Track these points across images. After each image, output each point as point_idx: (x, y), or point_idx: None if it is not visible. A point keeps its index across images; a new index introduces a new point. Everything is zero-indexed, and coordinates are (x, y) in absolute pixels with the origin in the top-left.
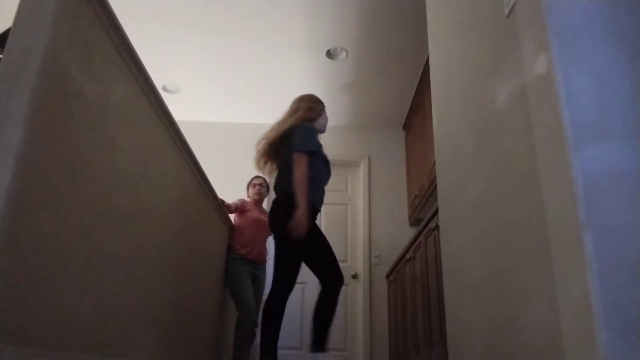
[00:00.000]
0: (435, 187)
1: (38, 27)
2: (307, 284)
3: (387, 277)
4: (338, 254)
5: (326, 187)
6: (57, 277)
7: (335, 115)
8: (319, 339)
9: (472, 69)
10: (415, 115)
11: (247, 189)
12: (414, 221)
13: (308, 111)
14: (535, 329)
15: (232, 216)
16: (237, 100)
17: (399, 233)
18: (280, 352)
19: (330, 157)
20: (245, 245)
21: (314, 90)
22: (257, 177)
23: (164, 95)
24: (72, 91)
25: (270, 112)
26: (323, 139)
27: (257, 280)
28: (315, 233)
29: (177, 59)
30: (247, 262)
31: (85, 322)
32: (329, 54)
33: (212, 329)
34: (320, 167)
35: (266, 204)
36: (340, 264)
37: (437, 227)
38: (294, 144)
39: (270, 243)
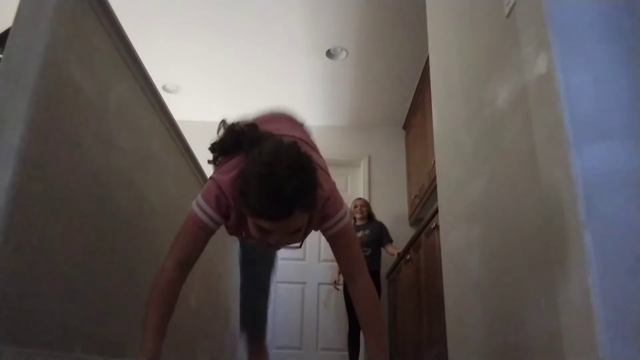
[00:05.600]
0: (435, 187)
1: (38, 27)
2: (307, 283)
3: (387, 277)
4: None
5: None
6: (57, 276)
7: (335, 115)
8: None
9: (472, 69)
10: (415, 115)
11: None
12: (414, 221)
13: None
14: (535, 329)
15: None
16: (237, 100)
17: (399, 233)
18: (280, 352)
19: (330, 157)
20: None
21: (314, 90)
22: None
23: (164, 95)
24: (72, 91)
25: None
26: (323, 139)
27: None
28: None
29: (177, 59)
30: None
31: (85, 322)
32: (329, 54)
33: (217, 328)
34: None
35: None
36: None
37: (437, 227)
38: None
39: None
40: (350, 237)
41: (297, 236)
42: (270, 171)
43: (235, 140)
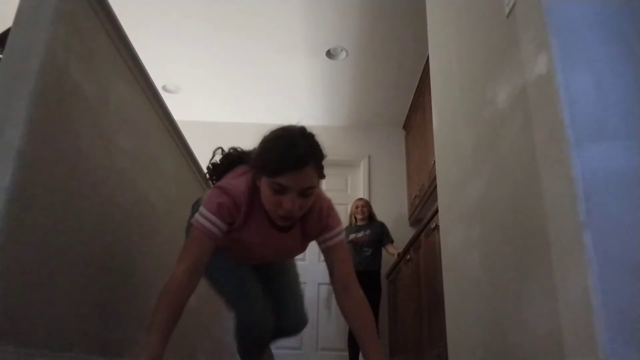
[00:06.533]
0: (435, 187)
1: (38, 27)
2: (307, 283)
3: (387, 277)
4: None
5: (325, 187)
6: (57, 276)
7: (335, 115)
8: None
9: (472, 69)
10: (415, 115)
11: None
12: (414, 221)
13: None
14: (535, 329)
15: None
16: (237, 100)
17: (399, 233)
18: (280, 352)
19: (330, 157)
20: None
21: (314, 90)
22: None
23: (164, 95)
24: (72, 91)
25: (270, 111)
26: (324, 139)
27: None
28: None
29: (177, 59)
30: None
31: (85, 322)
32: (329, 54)
33: (217, 328)
34: None
35: None
36: None
37: (437, 227)
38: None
39: None
40: (347, 250)
41: (307, 202)
42: (285, 134)
43: (239, 154)
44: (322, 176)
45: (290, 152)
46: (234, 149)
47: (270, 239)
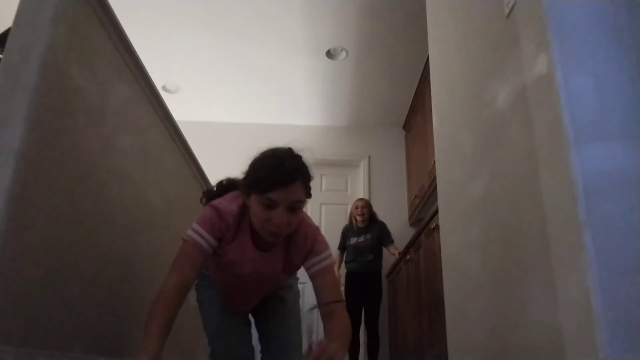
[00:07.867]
0: (435, 187)
1: (38, 27)
2: (307, 283)
3: (387, 277)
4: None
5: (325, 187)
6: (57, 276)
7: (335, 115)
8: None
9: (472, 69)
10: (415, 115)
11: None
12: (414, 221)
13: None
14: (535, 329)
15: None
16: (237, 100)
17: (399, 233)
18: None
19: (330, 157)
20: None
21: (314, 90)
22: None
23: (164, 95)
24: (72, 91)
25: (270, 112)
26: (324, 139)
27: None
28: None
29: (177, 59)
30: None
31: (85, 322)
32: (329, 54)
33: None
34: None
35: None
36: None
37: (437, 227)
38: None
39: None
40: (334, 275)
41: (295, 217)
42: (274, 154)
43: (232, 182)
44: (309, 195)
45: (280, 169)
46: (227, 178)
47: (251, 258)
